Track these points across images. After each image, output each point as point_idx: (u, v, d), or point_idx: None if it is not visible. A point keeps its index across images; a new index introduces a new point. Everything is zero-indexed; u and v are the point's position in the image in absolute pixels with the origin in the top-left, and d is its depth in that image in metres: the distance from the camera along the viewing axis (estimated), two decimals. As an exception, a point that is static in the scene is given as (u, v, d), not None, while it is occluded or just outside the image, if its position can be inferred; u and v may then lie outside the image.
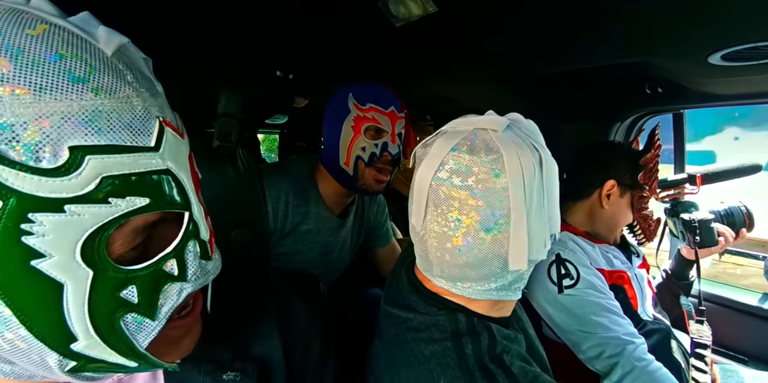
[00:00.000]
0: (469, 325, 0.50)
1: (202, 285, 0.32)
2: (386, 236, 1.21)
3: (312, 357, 0.50)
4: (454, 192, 0.47)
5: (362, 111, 0.91)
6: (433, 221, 0.49)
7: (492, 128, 0.48)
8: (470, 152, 0.47)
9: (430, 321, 0.51)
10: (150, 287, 0.27)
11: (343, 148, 0.92)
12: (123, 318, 0.26)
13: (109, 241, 0.25)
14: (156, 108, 0.27)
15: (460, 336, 0.49)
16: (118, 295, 0.26)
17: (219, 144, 0.62)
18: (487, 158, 0.46)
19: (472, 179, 0.46)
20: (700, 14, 0.65)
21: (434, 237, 0.49)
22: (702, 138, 3.78)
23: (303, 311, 0.52)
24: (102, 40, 0.25)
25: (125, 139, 0.25)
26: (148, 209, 0.26)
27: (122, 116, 0.25)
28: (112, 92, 0.24)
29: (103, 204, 0.24)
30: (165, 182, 0.27)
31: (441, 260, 0.50)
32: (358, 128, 0.91)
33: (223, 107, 0.62)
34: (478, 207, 0.46)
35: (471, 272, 0.49)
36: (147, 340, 0.28)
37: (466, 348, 0.48)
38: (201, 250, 0.31)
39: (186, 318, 0.33)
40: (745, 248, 1.52)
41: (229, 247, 0.63)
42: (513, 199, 0.45)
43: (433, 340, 0.49)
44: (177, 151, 0.28)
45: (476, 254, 0.47)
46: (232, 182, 0.65)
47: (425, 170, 0.49)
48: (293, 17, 0.86)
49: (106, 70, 0.24)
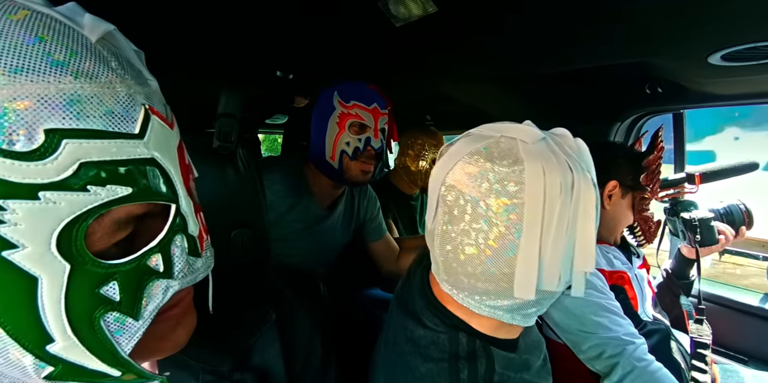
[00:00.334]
0: (469, 348, 0.48)
1: (191, 284, 0.30)
2: (379, 230, 1.24)
3: (313, 366, 0.49)
4: (463, 198, 0.44)
5: (346, 108, 0.98)
6: (441, 222, 0.47)
7: (523, 138, 0.44)
8: (489, 159, 0.44)
9: (431, 337, 0.50)
10: (133, 284, 0.26)
11: (329, 143, 0.99)
12: (103, 317, 0.24)
13: (88, 232, 0.24)
14: (142, 96, 0.26)
15: (457, 359, 0.47)
16: (98, 292, 0.24)
17: (219, 144, 0.62)
18: (508, 168, 0.42)
19: (486, 187, 0.43)
20: (700, 14, 0.65)
21: (441, 239, 0.47)
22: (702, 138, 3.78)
23: (305, 319, 0.51)
24: (87, 27, 0.24)
25: (107, 124, 0.23)
26: (131, 199, 0.24)
27: (104, 100, 0.23)
28: (94, 77, 0.23)
29: (81, 192, 0.22)
30: (149, 171, 0.26)
31: (446, 264, 0.48)
32: (343, 124, 0.98)
33: (223, 107, 0.62)
34: (488, 218, 0.43)
35: (478, 284, 0.46)
36: (130, 343, 0.26)
37: (462, 373, 0.46)
38: (189, 246, 0.29)
39: (174, 308, 0.31)
40: (745, 248, 1.52)
41: (229, 247, 0.63)
42: (527, 217, 0.41)
43: (431, 359, 0.48)
44: (164, 140, 0.27)
45: (482, 268, 0.44)
46: (232, 182, 0.65)
47: (439, 169, 0.47)
48: (293, 17, 0.86)
49: (89, 55, 0.24)
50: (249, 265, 0.66)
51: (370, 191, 1.23)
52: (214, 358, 0.40)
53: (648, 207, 0.96)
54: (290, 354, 0.46)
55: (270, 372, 0.43)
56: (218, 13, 0.84)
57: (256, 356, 0.43)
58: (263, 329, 0.44)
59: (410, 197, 1.72)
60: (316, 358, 0.50)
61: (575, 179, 0.43)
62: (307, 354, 0.49)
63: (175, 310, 0.31)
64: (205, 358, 0.39)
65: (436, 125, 1.91)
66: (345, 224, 1.16)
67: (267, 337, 0.44)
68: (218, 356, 0.40)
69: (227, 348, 0.41)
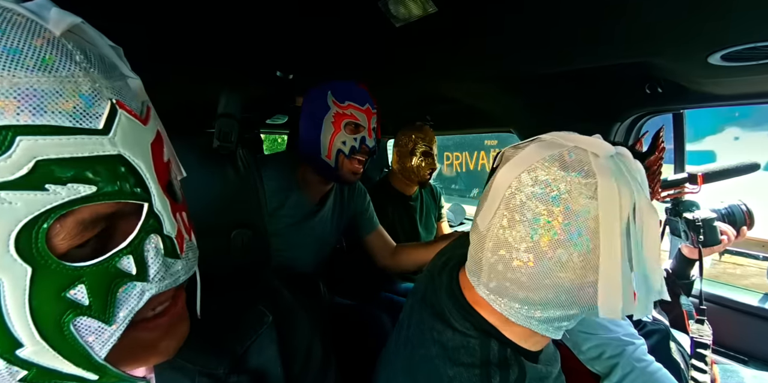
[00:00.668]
0: (501, 355, 0.47)
1: (170, 287, 0.28)
2: (371, 223, 1.26)
3: (313, 367, 0.49)
4: (532, 202, 0.43)
5: (341, 108, 1.00)
6: (498, 225, 0.45)
7: (594, 151, 0.43)
8: (563, 168, 0.43)
9: (461, 341, 0.48)
10: (103, 287, 0.24)
11: (324, 142, 1.01)
12: (73, 322, 0.23)
13: (51, 234, 0.22)
14: (110, 90, 0.25)
15: (489, 365, 0.46)
16: (64, 295, 0.23)
17: (219, 144, 0.62)
18: (581, 180, 0.42)
19: (555, 194, 0.42)
20: (700, 14, 0.65)
21: (495, 242, 0.46)
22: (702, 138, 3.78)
23: (304, 320, 0.50)
24: (52, 21, 0.23)
25: (66, 120, 0.22)
26: (95, 198, 0.23)
27: (63, 95, 0.22)
28: (53, 70, 0.22)
29: (38, 191, 0.21)
30: (116, 169, 0.24)
31: (493, 268, 0.46)
32: (339, 124, 1.00)
33: (223, 107, 0.62)
34: (551, 227, 0.42)
35: (520, 292, 0.45)
36: (104, 348, 0.25)
37: (494, 379, 0.45)
38: (166, 247, 0.27)
39: (162, 316, 0.30)
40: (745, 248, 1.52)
41: (229, 247, 0.63)
42: (605, 232, 0.40)
43: (461, 363, 0.47)
44: (134, 137, 0.26)
45: (533, 276, 0.43)
46: (232, 182, 0.65)
47: (509, 170, 0.46)
48: (293, 17, 0.86)
49: (50, 48, 0.22)
50: (249, 265, 0.65)
51: (359, 186, 1.25)
52: (210, 361, 0.39)
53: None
54: (289, 355, 0.45)
55: (267, 374, 0.43)
56: (218, 13, 0.84)
57: (252, 358, 0.42)
58: (260, 331, 0.44)
59: (409, 197, 1.73)
60: (315, 360, 0.49)
61: (636, 204, 0.42)
62: (307, 356, 0.48)
63: (164, 318, 0.30)
64: (201, 361, 0.39)
65: (436, 124, 1.91)
66: (335, 218, 1.17)
67: (264, 339, 0.44)
68: (214, 358, 0.39)
69: (223, 350, 0.41)
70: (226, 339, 0.42)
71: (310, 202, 1.10)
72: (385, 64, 1.19)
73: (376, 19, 0.81)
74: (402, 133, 1.71)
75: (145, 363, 0.30)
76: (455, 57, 1.08)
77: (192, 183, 0.60)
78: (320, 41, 1.02)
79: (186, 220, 0.31)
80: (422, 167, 1.66)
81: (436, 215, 1.87)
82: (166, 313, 0.30)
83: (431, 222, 1.81)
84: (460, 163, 6.14)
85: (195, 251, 0.32)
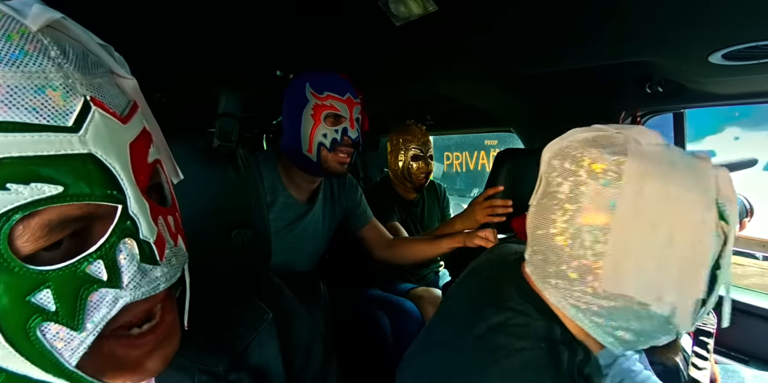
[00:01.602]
0: (564, 337, 0.46)
1: (147, 295, 0.27)
2: (364, 216, 1.23)
3: (313, 365, 0.48)
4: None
5: (320, 99, 0.96)
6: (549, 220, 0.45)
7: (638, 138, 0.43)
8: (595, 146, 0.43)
9: (523, 320, 0.47)
10: (71, 292, 0.23)
11: (305, 136, 0.97)
12: (39, 327, 0.22)
13: (14, 235, 0.21)
14: (86, 87, 0.24)
15: (554, 343, 0.45)
16: (29, 300, 0.22)
17: (219, 144, 0.62)
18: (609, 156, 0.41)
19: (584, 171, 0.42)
20: (701, 13, 0.65)
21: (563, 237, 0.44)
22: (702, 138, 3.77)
23: (305, 318, 0.50)
24: (31, 17, 0.23)
25: (32, 116, 0.21)
26: (61, 199, 0.22)
27: (31, 90, 0.21)
28: (21, 65, 0.21)
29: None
30: (86, 168, 0.23)
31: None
32: (318, 116, 0.96)
33: (224, 106, 0.62)
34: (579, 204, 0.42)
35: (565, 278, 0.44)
36: (75, 356, 0.24)
37: (562, 355, 0.44)
38: (142, 252, 0.26)
39: (148, 334, 0.28)
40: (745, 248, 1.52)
41: (230, 247, 0.63)
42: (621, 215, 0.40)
43: (527, 336, 0.46)
44: (109, 136, 0.24)
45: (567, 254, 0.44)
46: (233, 182, 0.65)
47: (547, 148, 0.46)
48: (293, 17, 0.86)
49: (22, 43, 0.22)
50: (249, 265, 0.65)
51: (349, 180, 1.22)
52: (209, 358, 0.39)
53: None
54: (289, 353, 0.45)
55: (268, 371, 0.43)
56: (218, 13, 0.83)
57: (253, 356, 0.42)
58: (260, 328, 0.44)
59: (411, 202, 1.69)
60: (316, 358, 0.49)
61: (688, 197, 0.39)
62: (308, 354, 0.48)
63: (151, 336, 0.29)
64: (200, 358, 0.39)
65: (436, 124, 1.90)
66: (328, 215, 1.15)
67: (264, 336, 0.44)
68: (214, 356, 0.39)
69: (223, 347, 0.40)
70: (225, 336, 0.41)
71: (299, 202, 1.07)
72: (385, 63, 1.19)
73: (376, 19, 0.81)
74: (391, 134, 1.64)
75: (130, 379, 0.29)
76: (455, 56, 1.08)
77: (192, 183, 0.59)
78: (320, 41, 1.02)
79: (173, 225, 0.30)
80: (413, 171, 1.59)
81: (440, 216, 1.80)
82: (154, 331, 0.29)
83: (434, 225, 1.73)
84: (460, 163, 6.13)
85: (181, 258, 0.30)
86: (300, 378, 0.46)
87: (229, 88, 0.63)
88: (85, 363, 0.25)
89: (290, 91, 1.00)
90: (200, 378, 0.38)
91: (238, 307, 0.45)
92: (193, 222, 0.35)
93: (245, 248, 0.64)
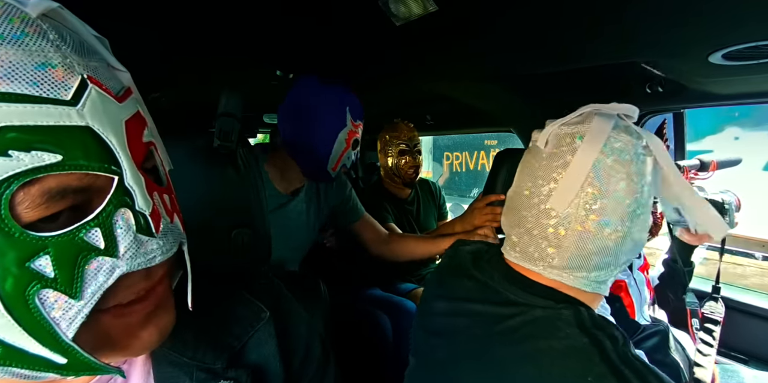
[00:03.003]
0: (592, 318, 0.47)
1: (143, 266, 0.27)
2: (355, 211, 1.25)
3: (312, 363, 0.49)
4: (614, 173, 0.47)
5: (355, 127, 1.04)
6: (581, 205, 0.48)
7: (627, 114, 0.51)
8: (628, 133, 0.48)
9: (553, 314, 0.48)
10: (70, 259, 0.24)
11: (334, 157, 1.03)
12: (38, 294, 0.23)
13: (15, 201, 0.22)
14: (82, 67, 0.25)
15: (592, 331, 0.45)
16: (28, 266, 0.23)
17: (219, 144, 0.61)
18: (640, 141, 0.48)
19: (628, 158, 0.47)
20: (701, 13, 0.65)
21: (580, 221, 0.48)
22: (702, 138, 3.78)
23: (304, 317, 0.50)
24: (30, 5, 0.24)
25: (33, 89, 0.22)
26: (60, 167, 0.23)
27: (31, 65, 0.23)
28: (22, 44, 0.23)
29: (1, 157, 0.21)
30: (84, 140, 0.24)
31: (577, 246, 0.49)
32: (350, 141, 1.03)
33: (224, 106, 0.62)
34: (633, 191, 0.47)
35: (597, 258, 0.49)
36: (72, 327, 0.24)
37: (605, 344, 0.44)
38: (138, 223, 0.27)
39: (142, 301, 0.29)
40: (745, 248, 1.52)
41: (230, 247, 0.63)
42: (671, 171, 0.49)
43: (566, 335, 0.45)
44: (105, 111, 0.26)
45: (614, 240, 0.48)
46: (232, 182, 0.65)
47: (590, 149, 0.48)
48: (293, 17, 0.86)
49: (22, 26, 0.23)
50: (249, 264, 0.65)
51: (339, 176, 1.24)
52: (207, 356, 0.39)
53: (655, 209, 0.96)
54: (288, 351, 0.46)
55: (266, 370, 0.43)
56: (218, 12, 0.83)
57: (251, 353, 0.43)
58: (257, 327, 0.44)
59: (404, 201, 1.69)
60: (315, 356, 0.49)
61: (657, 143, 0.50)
62: (306, 352, 0.48)
63: (143, 303, 0.29)
64: (198, 356, 0.39)
65: (436, 124, 1.90)
66: (312, 209, 1.16)
67: (262, 334, 0.44)
68: (211, 353, 0.40)
69: (221, 345, 0.41)
70: (223, 334, 0.42)
71: (281, 193, 1.09)
72: (385, 62, 1.19)
73: (376, 18, 0.81)
74: (380, 134, 1.66)
75: (122, 352, 0.29)
76: (455, 56, 1.08)
77: (192, 182, 0.59)
78: (320, 41, 1.02)
79: (168, 203, 0.31)
80: (401, 166, 1.59)
81: (436, 214, 1.81)
82: (147, 298, 0.29)
83: (430, 223, 1.75)
84: (460, 163, 6.14)
85: (177, 235, 0.31)
86: (298, 376, 0.47)
87: (228, 87, 0.63)
88: (81, 338, 0.25)
89: (326, 106, 1.01)
90: (198, 375, 0.38)
91: (236, 306, 0.45)
92: (192, 222, 0.35)
93: (245, 248, 0.64)
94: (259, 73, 1.33)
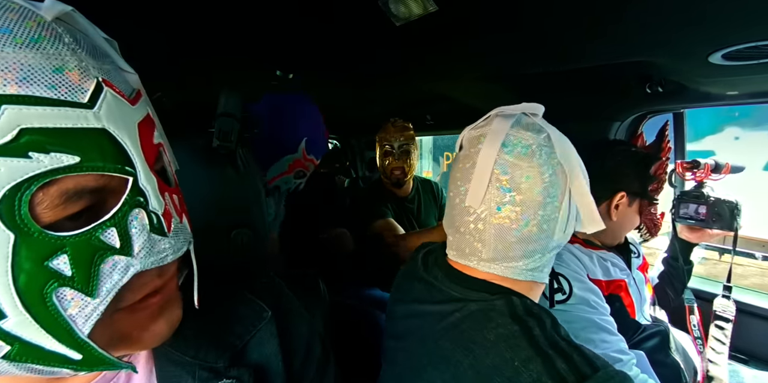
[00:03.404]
0: (524, 306, 0.50)
1: (155, 265, 0.28)
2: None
3: (312, 363, 0.49)
4: (517, 167, 0.51)
5: (305, 159, 0.99)
6: (492, 200, 0.52)
7: (532, 112, 0.55)
8: (527, 129, 0.52)
9: (486, 306, 0.51)
10: (86, 258, 0.24)
11: (272, 173, 0.97)
12: (56, 292, 0.24)
13: (35, 202, 0.23)
14: (97, 70, 0.26)
15: (522, 318, 0.48)
16: (47, 265, 0.23)
17: (219, 144, 0.61)
18: (540, 135, 0.52)
19: (528, 151, 0.51)
20: (701, 13, 0.65)
21: (494, 215, 0.52)
22: (702, 138, 3.78)
23: (305, 317, 0.51)
24: (44, 8, 0.25)
25: (52, 92, 0.23)
26: (78, 168, 0.24)
27: (50, 69, 0.23)
28: (41, 48, 0.23)
29: (22, 159, 0.22)
30: (100, 142, 0.25)
31: (497, 238, 0.52)
32: (293, 168, 0.98)
33: (223, 106, 0.62)
34: (539, 182, 0.51)
35: (519, 247, 0.52)
36: (88, 324, 0.25)
37: (534, 330, 0.46)
38: (151, 223, 0.28)
39: (153, 296, 0.30)
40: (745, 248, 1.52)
41: (230, 247, 0.63)
42: (569, 170, 0.52)
43: (497, 324, 0.48)
44: (120, 114, 0.26)
45: (530, 229, 0.51)
46: (232, 182, 0.65)
47: (489, 147, 0.52)
48: (293, 17, 0.86)
49: (39, 29, 0.24)
50: (249, 264, 0.65)
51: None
52: (209, 355, 0.40)
53: (656, 210, 0.96)
54: (290, 351, 0.46)
55: (268, 369, 0.43)
56: (218, 12, 0.83)
57: (253, 353, 0.43)
58: (258, 326, 0.44)
59: (404, 199, 1.69)
60: (315, 356, 0.50)
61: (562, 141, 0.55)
62: (307, 352, 0.49)
63: (155, 298, 0.30)
64: (200, 355, 0.39)
65: (436, 124, 1.90)
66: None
67: (264, 334, 0.44)
68: (214, 352, 0.40)
69: (223, 345, 0.41)
70: (225, 333, 0.42)
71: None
72: (385, 63, 1.19)
73: (376, 19, 0.81)
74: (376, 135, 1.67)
75: (134, 346, 0.30)
76: (455, 56, 1.08)
77: (192, 183, 0.59)
78: (320, 40, 1.02)
79: (178, 203, 0.32)
80: (385, 167, 1.58)
81: (437, 214, 1.80)
82: (159, 292, 0.30)
83: (430, 222, 1.75)
84: (460, 163, 6.12)
85: (186, 234, 0.32)
86: (299, 376, 0.47)
87: (228, 87, 0.63)
88: (95, 334, 0.26)
89: (281, 124, 0.98)
90: (201, 374, 0.38)
91: (238, 305, 0.45)
92: (192, 222, 0.35)
93: (245, 248, 0.64)
94: (259, 74, 1.33)
